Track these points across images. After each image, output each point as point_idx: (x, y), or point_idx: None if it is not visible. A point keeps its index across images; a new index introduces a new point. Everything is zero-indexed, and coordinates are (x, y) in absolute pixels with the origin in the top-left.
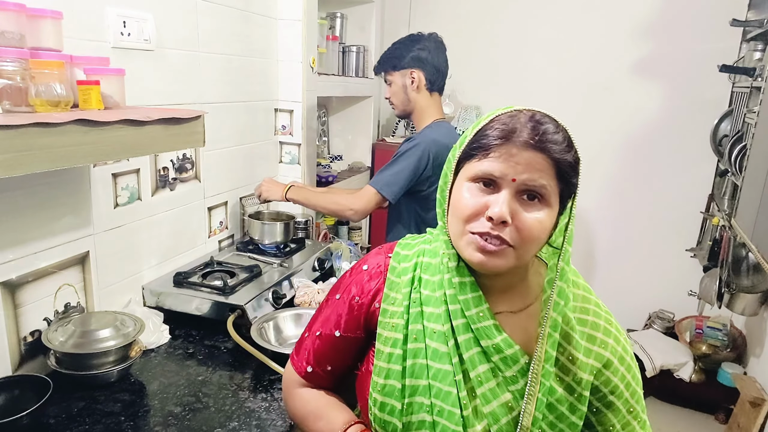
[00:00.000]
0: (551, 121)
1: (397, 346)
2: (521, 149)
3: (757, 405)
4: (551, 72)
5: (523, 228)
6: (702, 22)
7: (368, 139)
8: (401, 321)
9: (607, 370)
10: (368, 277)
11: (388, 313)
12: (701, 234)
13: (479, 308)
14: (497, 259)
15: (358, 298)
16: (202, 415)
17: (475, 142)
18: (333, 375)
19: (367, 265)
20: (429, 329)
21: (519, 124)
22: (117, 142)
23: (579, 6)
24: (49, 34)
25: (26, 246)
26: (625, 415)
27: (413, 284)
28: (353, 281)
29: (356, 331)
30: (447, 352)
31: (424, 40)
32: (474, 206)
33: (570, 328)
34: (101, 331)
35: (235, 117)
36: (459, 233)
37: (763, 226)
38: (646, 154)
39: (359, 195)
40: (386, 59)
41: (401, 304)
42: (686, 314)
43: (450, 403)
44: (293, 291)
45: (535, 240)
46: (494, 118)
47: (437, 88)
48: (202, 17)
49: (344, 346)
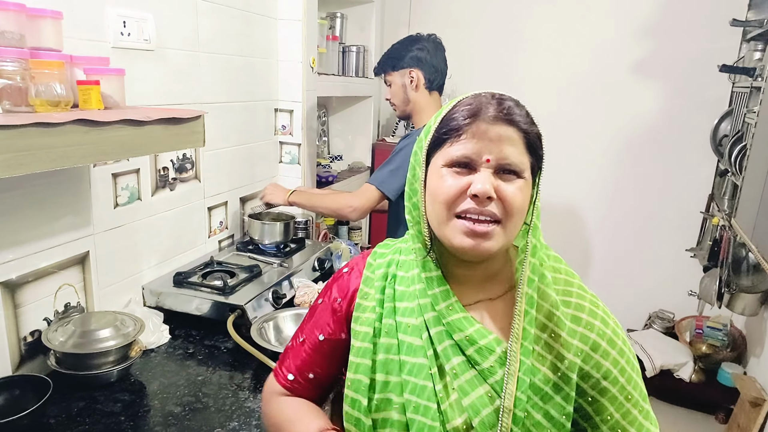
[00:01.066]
0: (511, 98)
1: (366, 340)
2: (491, 124)
3: (757, 405)
4: (551, 72)
5: (507, 200)
6: (702, 22)
7: (368, 139)
8: (373, 315)
9: (595, 353)
10: (348, 278)
11: (361, 308)
12: (701, 234)
13: (447, 302)
14: (487, 242)
15: (339, 299)
16: (202, 415)
17: (443, 127)
18: (315, 384)
19: (348, 267)
20: (403, 324)
21: (483, 102)
22: (117, 142)
23: (579, 6)
24: (49, 34)
25: (26, 246)
26: (623, 403)
27: (387, 279)
28: (335, 284)
29: (340, 333)
30: (421, 345)
31: (423, 41)
32: (457, 186)
33: (551, 305)
34: (101, 331)
35: (235, 117)
36: (444, 219)
37: (763, 226)
38: (646, 154)
39: (358, 193)
40: (385, 60)
41: (374, 298)
42: (686, 314)
43: (426, 398)
44: (293, 291)
45: (519, 212)
46: (457, 102)
47: (437, 87)
48: (202, 17)
49: (328, 350)
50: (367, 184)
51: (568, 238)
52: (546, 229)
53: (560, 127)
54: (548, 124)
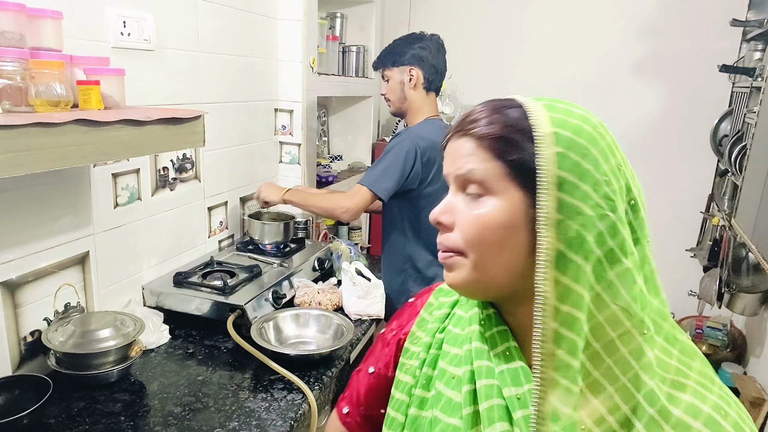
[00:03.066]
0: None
1: (404, 391)
2: (450, 141)
3: (757, 405)
4: (551, 72)
5: (462, 227)
6: (702, 22)
7: (368, 139)
8: (416, 362)
9: None
10: (408, 310)
11: (409, 354)
12: (701, 234)
13: (505, 345)
14: (451, 273)
15: (395, 332)
16: (202, 415)
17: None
18: (370, 420)
19: (414, 298)
20: (447, 374)
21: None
22: (117, 142)
23: (580, 6)
24: (49, 34)
25: (26, 246)
26: None
27: (443, 321)
28: (397, 315)
29: (387, 369)
30: (459, 402)
31: (425, 40)
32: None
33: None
34: (101, 331)
35: (235, 117)
36: None
37: (763, 226)
38: (646, 154)
39: (351, 194)
40: (386, 55)
41: (423, 344)
42: (686, 314)
43: None
44: (293, 291)
45: (479, 240)
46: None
47: (434, 88)
48: (202, 17)
49: (376, 387)
50: (358, 185)
51: None
52: None
53: None
54: None
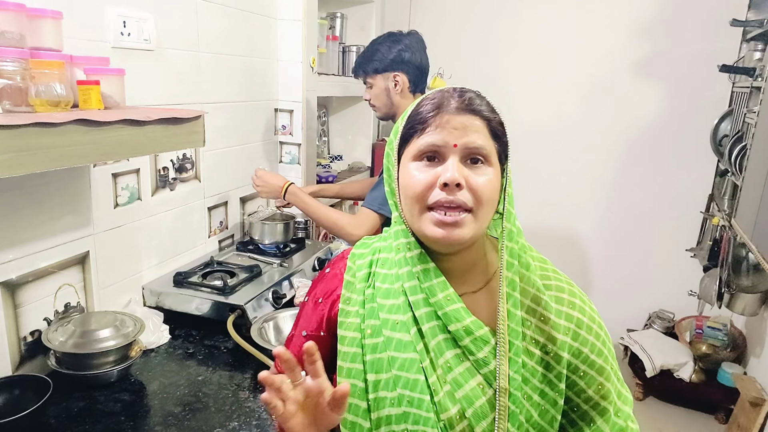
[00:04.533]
0: (471, 90)
1: (354, 345)
2: (454, 114)
3: (757, 405)
4: (551, 72)
5: (476, 188)
6: (702, 22)
7: (368, 139)
8: (357, 319)
9: (580, 329)
10: (330, 278)
11: (345, 312)
12: (701, 234)
13: (445, 292)
14: (458, 230)
15: (321, 299)
16: (202, 415)
17: (410, 122)
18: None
19: (330, 268)
20: (390, 321)
21: (446, 96)
22: (117, 142)
23: (579, 6)
24: (49, 34)
25: (26, 246)
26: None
27: (367, 281)
28: (318, 285)
29: (319, 330)
30: (410, 341)
31: (405, 40)
32: (425, 179)
33: (537, 290)
34: (101, 331)
35: (235, 117)
36: (416, 213)
37: (763, 226)
38: (646, 154)
39: (361, 220)
40: (367, 61)
41: (356, 302)
42: (686, 314)
43: (419, 391)
44: (293, 291)
45: (489, 200)
46: (422, 99)
47: (420, 89)
48: (202, 17)
49: None
50: (366, 210)
51: (568, 238)
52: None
53: (560, 127)
54: (548, 124)
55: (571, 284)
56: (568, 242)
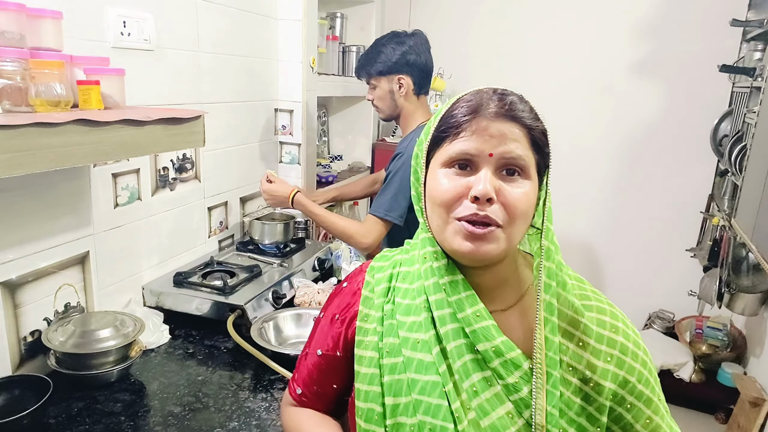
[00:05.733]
0: (514, 93)
1: (372, 365)
2: (492, 120)
3: (757, 405)
4: (551, 72)
5: (509, 203)
6: (702, 22)
7: (368, 139)
8: (375, 337)
9: (626, 356)
10: (347, 293)
11: (363, 331)
12: (701, 234)
13: (475, 308)
14: (487, 244)
15: (338, 315)
16: (202, 415)
17: (442, 125)
18: (321, 399)
19: (347, 283)
20: (411, 340)
21: (484, 98)
22: (117, 142)
23: (579, 6)
24: (49, 34)
25: (26, 246)
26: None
27: (387, 296)
28: (335, 300)
29: (336, 350)
30: (432, 361)
31: (410, 41)
32: (455, 189)
33: (575, 312)
34: (101, 331)
35: (235, 117)
36: (443, 224)
37: (763, 226)
38: (646, 154)
39: (368, 228)
40: (370, 63)
41: (374, 319)
42: (686, 314)
43: (441, 418)
44: (293, 291)
45: (523, 215)
46: (457, 99)
47: (425, 91)
48: (202, 17)
49: (326, 367)
50: (373, 217)
51: (568, 238)
52: None
53: (560, 127)
54: (548, 124)
55: (613, 306)
56: (568, 242)
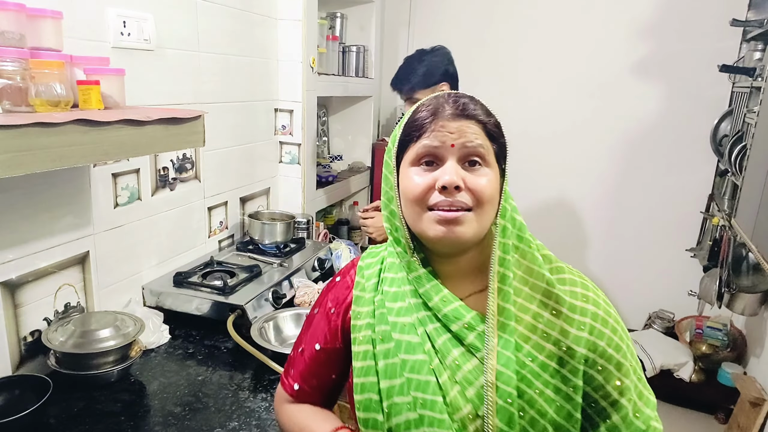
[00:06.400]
0: (465, 95)
1: (367, 358)
2: (450, 120)
3: (757, 405)
4: (551, 72)
5: (476, 189)
6: (702, 22)
7: (368, 139)
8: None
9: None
10: (341, 288)
11: (357, 328)
12: (701, 234)
13: (440, 294)
14: (459, 227)
15: (333, 309)
16: (202, 415)
17: (407, 129)
18: (320, 390)
19: (340, 277)
20: (399, 324)
21: (441, 102)
22: (117, 142)
23: (579, 6)
24: (49, 34)
25: (26, 246)
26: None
27: (376, 289)
28: (328, 294)
29: (335, 342)
30: (419, 342)
31: (442, 53)
32: (425, 183)
33: (547, 284)
34: (101, 331)
35: (235, 117)
36: (417, 216)
37: (763, 226)
38: (646, 153)
39: None
40: (415, 76)
41: (367, 314)
42: (686, 314)
43: (431, 392)
44: (293, 291)
45: (489, 200)
46: (418, 105)
47: None
48: (202, 17)
49: (326, 359)
50: None
51: (568, 238)
52: (546, 229)
53: (560, 127)
54: (548, 124)
55: (584, 278)
56: (567, 242)
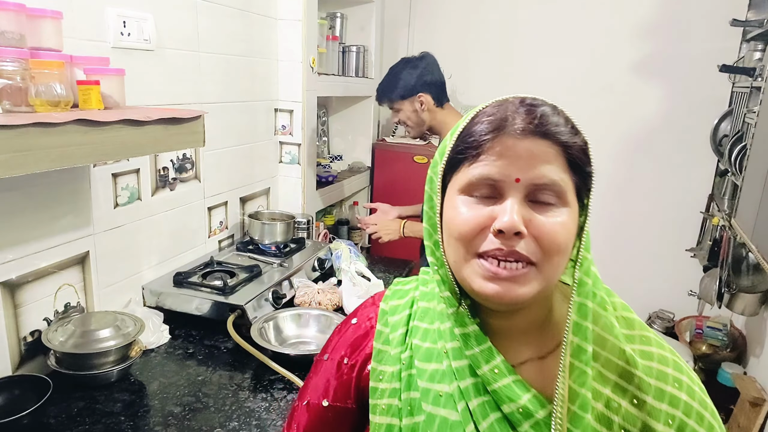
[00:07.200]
0: (545, 102)
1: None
2: (519, 138)
3: (757, 405)
4: (551, 72)
5: (543, 236)
6: (702, 22)
7: (368, 139)
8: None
9: (689, 418)
10: (358, 333)
11: (378, 393)
12: (701, 234)
13: (492, 364)
14: (518, 287)
15: (347, 359)
16: (202, 415)
17: (460, 144)
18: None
19: (357, 319)
20: (433, 393)
21: (510, 110)
22: (117, 142)
23: (579, 6)
24: (49, 34)
25: (26, 246)
26: None
27: (404, 343)
28: (341, 339)
29: (346, 401)
30: (458, 420)
31: (421, 63)
32: (475, 220)
33: (628, 363)
34: (101, 331)
35: (235, 117)
36: (461, 261)
37: (763, 226)
38: (646, 154)
39: None
40: (391, 89)
41: (392, 376)
42: (686, 314)
43: None
44: (293, 291)
45: (561, 250)
46: (477, 112)
47: (445, 99)
48: (202, 17)
49: (334, 420)
50: None
51: None
52: None
53: None
54: None
55: (675, 354)
56: None
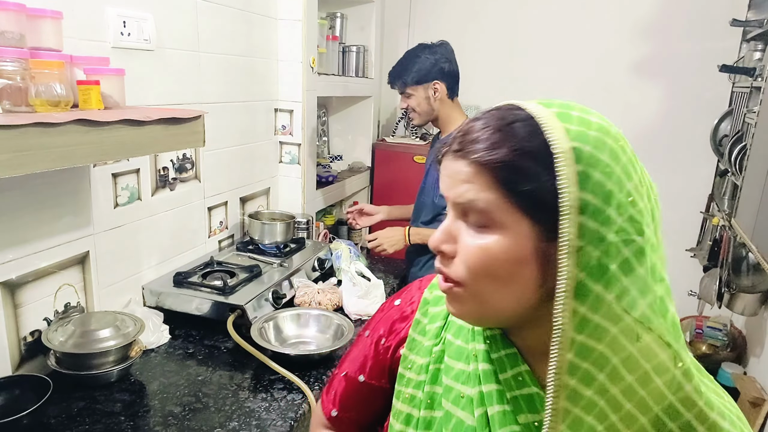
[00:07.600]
0: (488, 116)
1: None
2: (450, 158)
3: (757, 405)
4: (551, 71)
5: (465, 258)
6: (702, 22)
7: (368, 139)
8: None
9: None
10: (398, 315)
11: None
12: (701, 234)
13: (516, 369)
14: (452, 305)
15: (384, 339)
16: (202, 415)
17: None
18: (359, 425)
19: (400, 300)
20: (454, 392)
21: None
22: (117, 142)
23: (579, 6)
24: (49, 34)
25: (26, 246)
26: None
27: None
28: (383, 318)
29: (381, 380)
30: (473, 426)
31: (440, 49)
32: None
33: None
34: (101, 331)
35: (235, 117)
36: None
37: (763, 226)
38: (646, 153)
39: None
40: (407, 72)
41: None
42: (686, 314)
43: None
44: (293, 291)
45: (487, 273)
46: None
47: (456, 93)
48: (202, 17)
49: (368, 395)
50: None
51: None
52: None
53: None
54: None
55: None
56: None
